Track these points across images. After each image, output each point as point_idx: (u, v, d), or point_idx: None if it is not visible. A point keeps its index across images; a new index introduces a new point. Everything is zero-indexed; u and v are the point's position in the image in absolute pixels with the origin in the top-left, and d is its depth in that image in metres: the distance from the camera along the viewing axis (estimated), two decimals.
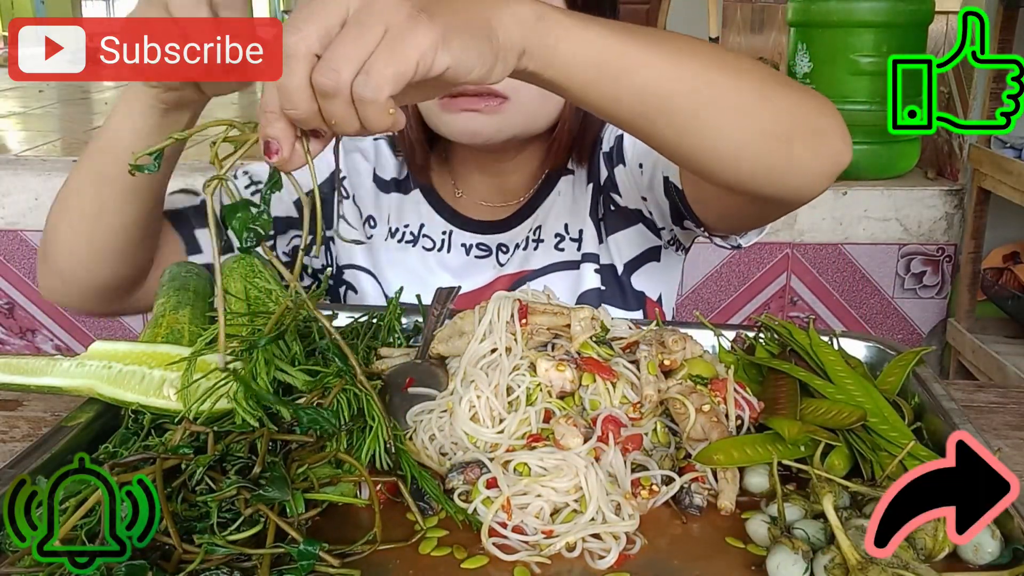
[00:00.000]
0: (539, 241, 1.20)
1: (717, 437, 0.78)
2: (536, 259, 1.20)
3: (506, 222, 1.21)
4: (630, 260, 1.21)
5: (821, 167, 0.83)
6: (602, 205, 1.20)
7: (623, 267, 1.20)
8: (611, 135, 1.18)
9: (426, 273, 1.21)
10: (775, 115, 0.79)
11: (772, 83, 0.79)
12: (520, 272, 1.19)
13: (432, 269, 1.21)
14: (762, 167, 0.80)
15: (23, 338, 2.93)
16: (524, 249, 1.20)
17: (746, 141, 0.78)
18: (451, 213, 1.22)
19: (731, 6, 5.22)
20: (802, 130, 0.81)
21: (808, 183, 0.84)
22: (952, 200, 2.74)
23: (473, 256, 1.21)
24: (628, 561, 0.69)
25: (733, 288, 2.79)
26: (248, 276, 0.92)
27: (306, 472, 0.72)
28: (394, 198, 1.24)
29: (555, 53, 0.70)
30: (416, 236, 1.22)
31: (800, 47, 2.77)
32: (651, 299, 1.23)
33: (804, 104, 0.81)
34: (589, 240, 1.20)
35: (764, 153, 0.79)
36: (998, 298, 2.65)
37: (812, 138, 0.82)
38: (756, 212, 0.98)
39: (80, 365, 0.83)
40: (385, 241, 1.23)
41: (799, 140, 0.80)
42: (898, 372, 0.90)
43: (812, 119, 0.82)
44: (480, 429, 0.77)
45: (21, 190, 2.77)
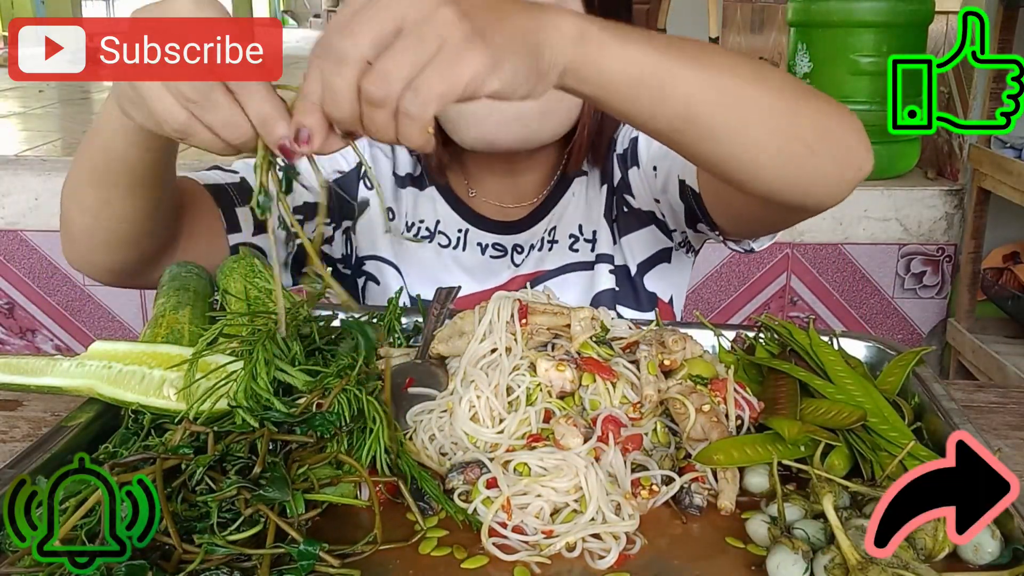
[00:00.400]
0: (554, 242, 1.21)
1: (717, 437, 0.78)
2: (551, 260, 1.20)
3: (521, 223, 1.22)
4: (643, 261, 1.22)
5: (844, 176, 0.86)
6: (616, 206, 1.21)
7: (636, 268, 1.22)
8: (625, 137, 1.18)
9: (441, 270, 1.22)
10: (803, 127, 0.82)
11: (800, 95, 0.82)
12: (535, 272, 1.20)
13: (448, 267, 1.22)
14: (789, 177, 0.83)
15: (23, 338, 2.93)
16: (539, 250, 1.21)
17: (775, 153, 0.81)
18: (466, 211, 1.22)
19: (731, 6, 5.22)
20: (827, 141, 0.84)
21: (831, 192, 0.87)
22: (952, 200, 2.74)
23: (489, 256, 1.21)
24: (628, 561, 0.69)
25: (733, 288, 2.79)
26: (248, 276, 0.92)
27: (306, 473, 0.72)
28: (410, 193, 1.24)
29: (596, 71, 0.71)
30: (432, 232, 1.23)
31: (800, 47, 2.77)
32: (663, 300, 1.24)
33: (829, 116, 0.84)
34: (603, 241, 1.21)
35: (792, 164, 0.82)
36: (998, 298, 2.65)
37: (836, 149, 0.85)
38: (774, 218, 1.00)
39: (80, 365, 0.83)
40: (403, 234, 1.24)
41: (824, 151, 0.83)
42: (898, 372, 0.90)
43: (837, 130, 0.85)
44: (480, 429, 0.77)
45: (21, 190, 2.77)
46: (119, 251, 0.98)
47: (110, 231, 0.96)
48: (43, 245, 2.81)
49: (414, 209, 1.24)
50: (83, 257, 1.01)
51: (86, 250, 1.00)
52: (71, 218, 0.98)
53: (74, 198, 0.96)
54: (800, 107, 0.82)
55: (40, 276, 2.85)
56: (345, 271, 1.28)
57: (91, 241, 0.98)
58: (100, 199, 0.93)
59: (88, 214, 0.96)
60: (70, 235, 1.00)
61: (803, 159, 0.83)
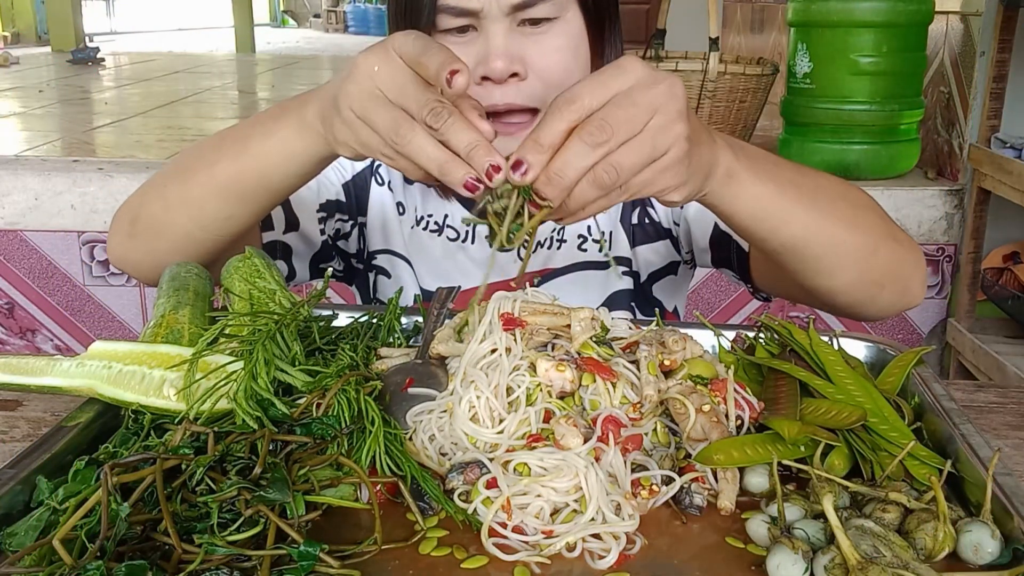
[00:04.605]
0: (562, 241, 1.22)
1: (717, 437, 0.78)
2: (559, 258, 1.22)
3: None
4: (654, 272, 1.26)
5: (896, 308, 1.03)
6: (636, 216, 1.24)
7: (647, 276, 1.25)
8: None
9: (450, 264, 1.23)
10: (880, 267, 0.97)
11: (883, 238, 0.97)
12: (544, 270, 1.22)
13: (456, 260, 1.23)
14: (856, 301, 1.00)
15: (23, 338, 2.93)
16: (548, 248, 1.22)
17: (853, 280, 0.97)
18: (473, 205, 1.23)
19: (731, 6, 5.22)
20: (894, 280, 0.99)
21: (881, 315, 1.03)
22: (952, 200, 2.74)
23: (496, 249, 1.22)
24: (628, 561, 0.69)
25: (733, 289, 2.79)
26: (251, 278, 0.92)
27: (307, 474, 0.72)
28: (418, 187, 1.25)
29: (731, 201, 0.86)
30: (440, 226, 1.24)
31: (800, 47, 2.77)
32: (668, 311, 1.29)
33: (902, 258, 0.99)
34: (620, 244, 1.23)
35: (862, 292, 0.98)
36: (998, 298, 2.65)
37: (899, 286, 1.00)
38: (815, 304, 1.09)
39: (80, 365, 0.83)
40: (412, 229, 1.25)
41: (889, 287, 0.99)
42: (898, 372, 0.90)
43: (904, 272, 1.00)
44: (480, 429, 0.77)
45: (21, 190, 2.77)
46: (200, 255, 1.00)
47: (209, 240, 0.99)
48: (43, 245, 2.82)
49: (423, 203, 1.25)
50: (157, 259, 1.01)
51: (164, 251, 1.00)
52: (165, 223, 0.99)
53: (184, 209, 0.97)
54: (881, 249, 0.96)
55: (40, 276, 2.85)
56: (358, 265, 1.28)
57: (179, 245, 0.99)
58: (224, 212, 0.96)
59: (195, 225, 0.98)
60: (151, 236, 1.01)
61: (873, 291, 0.98)
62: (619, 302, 1.22)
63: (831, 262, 0.94)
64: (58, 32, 7.28)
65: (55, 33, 7.33)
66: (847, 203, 0.96)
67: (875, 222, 0.98)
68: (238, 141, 0.94)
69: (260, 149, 0.91)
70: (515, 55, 1.00)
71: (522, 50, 1.00)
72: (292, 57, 8.48)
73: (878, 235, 0.97)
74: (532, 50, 1.01)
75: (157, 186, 1.02)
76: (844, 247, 0.93)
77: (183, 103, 4.76)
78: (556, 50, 1.02)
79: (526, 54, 1.01)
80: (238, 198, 0.95)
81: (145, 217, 1.01)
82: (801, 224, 0.90)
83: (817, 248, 0.92)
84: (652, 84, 0.72)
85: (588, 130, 0.69)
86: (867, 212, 0.98)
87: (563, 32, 1.03)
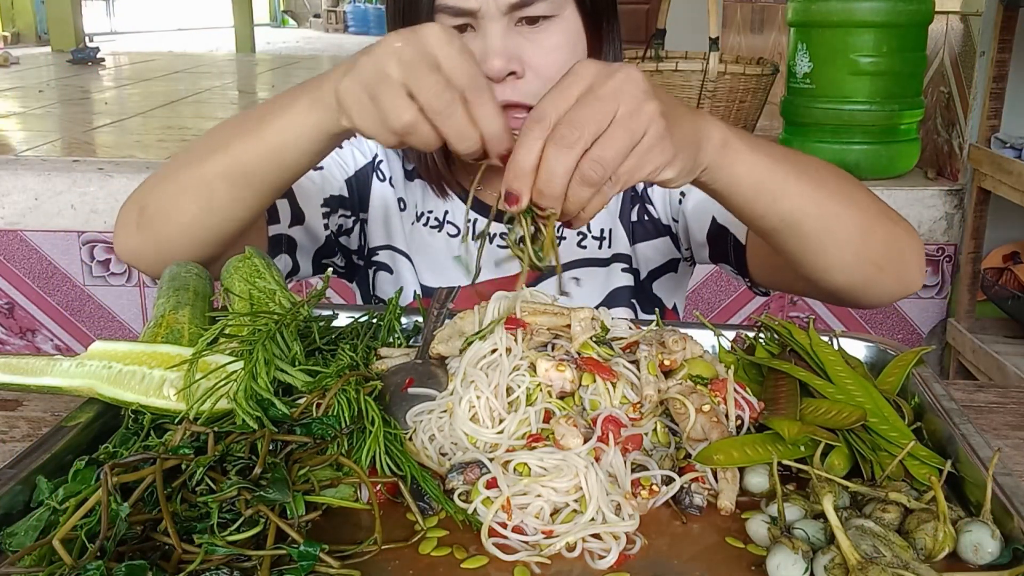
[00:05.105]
0: (561, 238, 1.22)
1: (717, 437, 0.78)
2: None
3: None
4: (654, 269, 1.26)
5: (896, 291, 1.01)
6: (636, 213, 1.24)
7: (647, 274, 1.25)
8: None
9: (450, 261, 1.23)
10: (877, 246, 0.96)
11: (878, 216, 0.97)
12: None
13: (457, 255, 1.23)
14: (855, 283, 0.98)
15: (23, 338, 2.93)
16: None
17: (850, 261, 0.95)
18: (473, 201, 1.23)
19: (731, 6, 5.22)
20: (892, 260, 0.98)
21: (880, 300, 1.02)
22: (952, 200, 2.74)
23: (496, 245, 1.22)
24: (628, 561, 0.69)
25: (733, 288, 2.79)
26: (251, 278, 0.92)
27: (307, 474, 0.72)
28: (418, 184, 1.26)
29: (729, 173, 0.85)
30: (441, 222, 1.24)
31: (800, 47, 2.77)
32: (668, 308, 1.29)
33: (899, 238, 0.98)
34: (619, 241, 1.23)
35: (860, 273, 0.97)
36: (998, 298, 2.65)
37: (899, 268, 0.99)
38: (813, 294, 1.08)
39: (80, 365, 0.83)
40: (412, 225, 1.25)
41: (888, 268, 0.98)
42: (898, 372, 0.90)
43: (902, 252, 0.99)
44: (480, 429, 0.77)
45: (21, 190, 2.77)
46: (206, 243, 0.99)
47: (219, 227, 0.98)
48: (43, 245, 2.82)
49: (423, 200, 1.25)
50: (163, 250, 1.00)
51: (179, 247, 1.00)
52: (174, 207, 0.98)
53: (194, 192, 0.97)
54: (877, 227, 0.96)
55: (40, 276, 2.85)
56: (359, 262, 1.29)
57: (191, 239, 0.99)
58: (233, 197, 0.95)
59: (204, 208, 0.97)
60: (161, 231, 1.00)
61: (869, 271, 0.97)
62: (619, 299, 1.22)
63: (829, 239, 0.93)
64: (58, 32, 7.28)
65: (55, 33, 7.33)
66: (840, 180, 0.96)
67: (870, 200, 0.98)
68: (251, 120, 0.94)
69: (274, 126, 0.91)
70: (513, 54, 1.00)
71: (520, 49, 1.01)
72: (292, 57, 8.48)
73: (873, 212, 0.97)
74: (530, 49, 1.01)
75: (167, 173, 1.01)
76: (840, 221, 0.93)
77: (183, 103, 4.76)
78: (554, 49, 1.02)
79: (524, 53, 1.01)
80: (249, 179, 0.94)
81: (153, 204, 1.01)
82: (798, 196, 0.89)
83: (816, 222, 0.91)
84: (608, 76, 0.73)
85: (559, 134, 0.70)
86: (860, 190, 0.98)
87: (561, 31, 1.03)
